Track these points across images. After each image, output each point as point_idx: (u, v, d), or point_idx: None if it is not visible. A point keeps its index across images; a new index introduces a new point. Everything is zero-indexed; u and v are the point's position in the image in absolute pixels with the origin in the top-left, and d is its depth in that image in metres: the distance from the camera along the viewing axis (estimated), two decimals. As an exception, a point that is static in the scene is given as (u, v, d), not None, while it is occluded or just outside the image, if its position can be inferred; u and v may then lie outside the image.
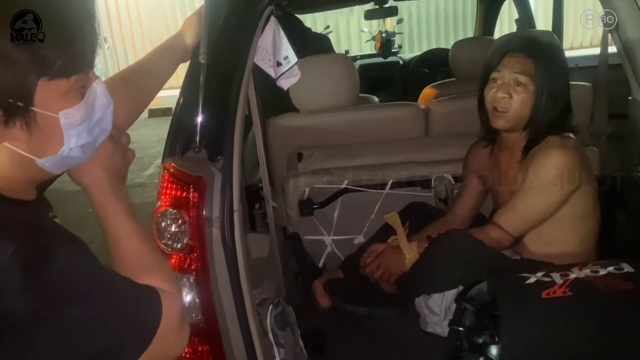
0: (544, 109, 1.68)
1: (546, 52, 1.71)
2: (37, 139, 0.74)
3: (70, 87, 0.75)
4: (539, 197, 1.68)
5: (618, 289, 1.39)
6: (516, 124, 1.71)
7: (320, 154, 2.22)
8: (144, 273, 0.84)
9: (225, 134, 1.34)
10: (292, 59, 1.53)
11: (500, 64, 1.70)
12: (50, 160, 0.78)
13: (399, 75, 4.47)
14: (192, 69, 1.38)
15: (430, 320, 1.87)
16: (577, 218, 1.74)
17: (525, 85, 1.67)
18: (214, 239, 1.28)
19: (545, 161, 1.66)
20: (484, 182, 1.99)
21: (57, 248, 0.72)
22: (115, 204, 0.91)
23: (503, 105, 1.69)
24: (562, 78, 1.72)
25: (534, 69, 1.66)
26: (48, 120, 0.74)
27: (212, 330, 1.28)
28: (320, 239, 2.28)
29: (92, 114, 0.80)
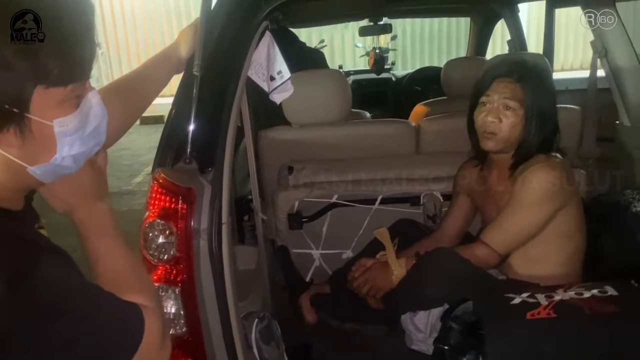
0: (533, 131, 1.70)
1: (534, 77, 1.73)
2: (30, 146, 0.74)
3: (67, 96, 0.75)
4: (525, 214, 1.70)
5: (602, 312, 1.40)
6: (506, 146, 1.74)
7: (311, 168, 2.22)
8: (127, 290, 0.84)
9: (216, 146, 1.35)
10: (285, 73, 1.54)
11: (489, 89, 1.73)
12: (42, 169, 0.77)
13: (392, 92, 4.50)
14: (186, 80, 1.39)
15: (415, 338, 1.87)
16: (562, 237, 1.75)
17: (514, 110, 1.69)
18: (201, 252, 1.27)
19: (531, 179, 1.68)
20: (473, 201, 2.01)
21: (42, 263, 0.72)
22: (93, 226, 0.90)
23: (493, 128, 1.71)
24: (550, 100, 1.75)
25: (523, 94, 1.69)
26: (42, 128, 0.74)
27: (196, 343, 1.28)
28: (308, 253, 2.27)
29: (86, 124, 0.80)
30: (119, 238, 0.93)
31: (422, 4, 3.74)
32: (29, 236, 0.76)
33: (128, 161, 6.70)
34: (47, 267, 0.72)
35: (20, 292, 0.67)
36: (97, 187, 0.92)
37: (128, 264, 0.92)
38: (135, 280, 0.91)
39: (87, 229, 0.90)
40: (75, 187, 0.90)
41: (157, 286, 1.26)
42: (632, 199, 2.02)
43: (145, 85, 1.28)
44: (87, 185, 0.91)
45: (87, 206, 0.91)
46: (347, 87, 2.30)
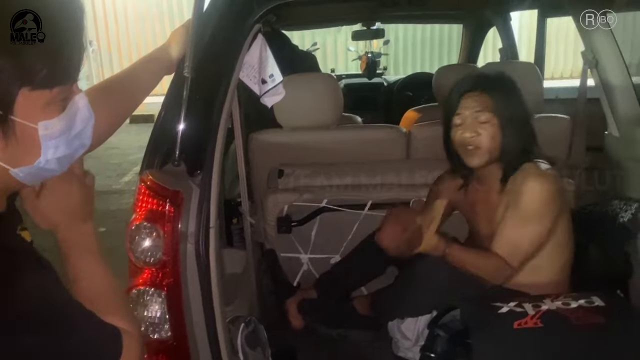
0: (512, 137, 1.70)
1: (498, 85, 1.75)
2: (13, 149, 0.72)
3: (52, 99, 0.73)
4: (530, 226, 1.68)
5: (588, 322, 1.41)
6: (491, 158, 1.73)
7: (301, 172, 2.21)
8: (107, 312, 0.82)
9: (206, 149, 1.33)
10: (277, 77, 1.54)
11: (459, 107, 1.73)
12: (25, 171, 0.75)
13: (383, 97, 4.50)
14: (176, 81, 1.38)
15: (402, 345, 1.87)
16: (558, 246, 1.76)
17: (488, 120, 1.69)
18: (188, 255, 1.26)
19: (529, 190, 1.67)
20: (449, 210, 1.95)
21: (23, 273, 0.70)
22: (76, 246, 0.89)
23: (474, 143, 1.70)
24: (520, 105, 1.75)
25: (492, 103, 1.69)
26: (26, 130, 0.72)
27: (181, 348, 1.26)
28: (296, 257, 2.26)
29: (72, 127, 0.78)
30: (101, 259, 0.92)
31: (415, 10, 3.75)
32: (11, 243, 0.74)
33: (117, 160, 6.65)
34: (24, 277, 0.70)
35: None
36: (82, 207, 0.91)
37: (109, 285, 0.91)
38: (116, 302, 0.90)
39: (69, 247, 0.89)
40: (60, 205, 0.88)
41: (142, 290, 1.25)
42: (620, 209, 2.03)
43: (135, 85, 1.27)
44: (72, 204, 0.90)
45: (71, 225, 0.89)
46: (339, 91, 2.29)
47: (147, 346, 1.24)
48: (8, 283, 0.68)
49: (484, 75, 1.77)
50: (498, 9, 3.43)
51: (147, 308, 1.25)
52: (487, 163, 1.74)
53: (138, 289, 1.25)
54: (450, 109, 1.75)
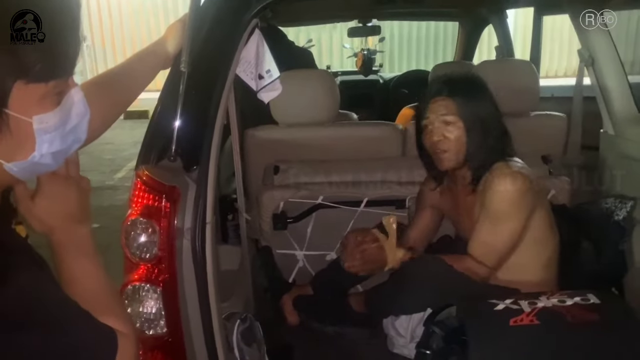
0: (478, 139, 1.73)
1: (464, 88, 1.78)
2: (7, 143, 0.71)
3: (48, 93, 0.72)
4: (502, 225, 1.71)
5: (584, 319, 1.41)
6: (459, 160, 1.76)
7: (297, 168, 2.21)
8: (102, 313, 0.81)
9: (202, 144, 1.32)
10: (274, 72, 1.52)
11: (427, 111, 1.78)
12: (19, 166, 0.74)
13: (379, 94, 4.50)
14: (173, 76, 1.37)
15: (397, 342, 1.87)
16: (537, 244, 1.77)
17: (453, 123, 1.74)
18: (184, 251, 1.25)
19: (496, 189, 1.70)
20: (439, 215, 2.03)
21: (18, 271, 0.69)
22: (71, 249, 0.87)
23: (441, 147, 1.75)
24: (487, 106, 1.77)
25: (456, 106, 1.74)
26: (21, 124, 0.71)
27: (176, 344, 1.26)
28: (292, 254, 2.26)
29: (67, 121, 0.77)
30: (96, 261, 0.90)
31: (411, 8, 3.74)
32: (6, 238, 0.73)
33: (111, 156, 6.63)
34: (19, 275, 0.69)
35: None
36: (78, 210, 0.89)
37: (104, 286, 0.90)
38: (111, 303, 0.89)
39: (64, 250, 0.87)
40: (55, 209, 0.87)
41: (138, 286, 1.24)
42: (615, 207, 2.03)
43: (131, 80, 1.26)
44: (68, 208, 0.88)
45: (67, 229, 0.88)
46: (336, 88, 2.29)
47: (143, 342, 1.23)
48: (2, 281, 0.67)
49: (450, 80, 1.80)
50: (494, 6, 3.43)
51: (143, 304, 1.24)
52: (457, 165, 1.78)
53: (133, 285, 1.25)
54: (420, 114, 1.82)
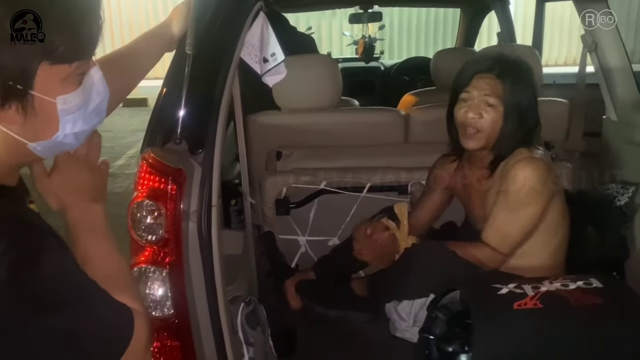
0: (512, 128, 1.69)
1: (514, 72, 1.72)
2: (31, 123, 0.72)
3: (71, 73, 0.74)
4: (520, 212, 1.69)
5: (587, 303, 1.42)
6: (487, 143, 1.73)
7: (299, 154, 2.21)
8: (117, 292, 0.82)
9: (207, 127, 1.32)
10: (279, 56, 1.52)
11: (469, 85, 1.71)
12: (43, 145, 0.76)
13: (380, 81, 4.48)
14: (178, 59, 1.36)
15: (399, 326, 1.87)
16: (548, 231, 1.76)
17: (494, 106, 1.68)
18: (190, 234, 1.26)
19: (518, 175, 1.67)
20: (448, 195, 2.01)
21: (46, 253, 0.70)
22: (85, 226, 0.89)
23: (474, 125, 1.70)
24: (530, 96, 1.72)
25: (503, 90, 1.68)
26: (45, 105, 0.73)
27: (183, 326, 1.26)
28: (294, 239, 2.26)
29: (88, 102, 0.78)
30: (110, 240, 0.92)
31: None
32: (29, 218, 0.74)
33: (110, 143, 6.61)
34: (50, 258, 0.70)
35: (21, 281, 0.65)
36: (94, 189, 0.92)
37: (118, 265, 0.91)
38: (125, 282, 0.90)
39: (78, 228, 0.89)
40: (72, 185, 0.89)
41: (144, 268, 1.24)
42: (617, 193, 2.05)
43: (136, 61, 1.25)
44: (84, 185, 0.91)
45: (82, 206, 0.90)
46: (339, 73, 2.28)
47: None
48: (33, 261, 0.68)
49: (503, 60, 1.73)
50: (497, -8, 3.42)
51: (149, 286, 1.24)
52: (483, 148, 1.74)
53: (140, 267, 1.25)
54: (460, 84, 1.74)
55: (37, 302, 0.68)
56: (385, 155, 2.23)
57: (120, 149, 6.42)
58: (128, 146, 6.59)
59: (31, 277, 0.67)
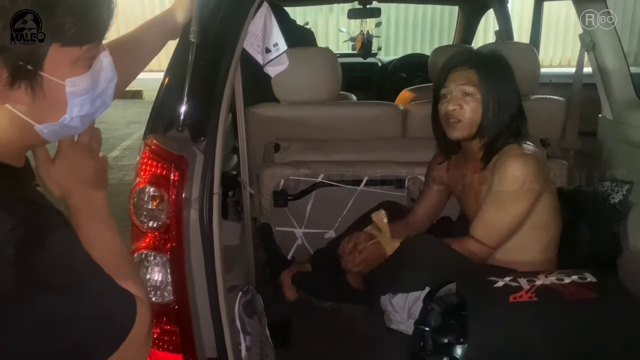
0: (492, 114, 1.74)
1: (488, 62, 1.79)
2: (39, 104, 0.73)
3: (81, 56, 0.74)
4: (508, 206, 1.73)
5: (582, 297, 1.44)
6: (470, 132, 1.77)
7: (297, 147, 2.22)
8: (119, 278, 0.82)
9: (210, 115, 1.33)
10: (282, 46, 1.53)
11: (446, 80, 1.79)
12: (49, 127, 0.76)
13: (377, 77, 4.49)
14: (181, 47, 1.37)
15: (394, 318, 1.89)
16: (540, 226, 1.79)
17: (472, 94, 1.74)
18: (192, 221, 1.26)
19: (507, 170, 1.71)
20: (446, 192, 2.05)
21: (53, 232, 0.71)
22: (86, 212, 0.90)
23: (455, 115, 1.76)
24: (508, 85, 1.78)
25: (478, 79, 1.74)
26: (53, 87, 0.73)
27: (182, 312, 1.27)
28: (290, 231, 2.27)
29: (97, 86, 0.79)
30: (112, 227, 0.93)
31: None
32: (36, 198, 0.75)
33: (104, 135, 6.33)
34: (57, 238, 0.71)
35: (27, 259, 0.66)
36: (96, 177, 0.94)
37: (120, 251, 0.92)
38: (128, 269, 0.90)
39: (79, 214, 0.90)
40: (73, 172, 0.90)
41: (145, 253, 1.25)
42: (611, 191, 2.07)
43: (140, 49, 1.26)
44: (87, 173, 0.92)
45: (83, 192, 0.91)
46: (338, 67, 2.29)
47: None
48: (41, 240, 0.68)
49: (475, 53, 1.83)
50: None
51: (150, 272, 1.25)
52: (467, 137, 1.78)
53: (141, 253, 1.26)
54: (439, 82, 1.82)
55: (41, 280, 0.68)
56: (383, 150, 2.24)
57: (114, 141, 6.40)
58: (122, 138, 6.57)
59: (37, 255, 0.67)
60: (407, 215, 2.12)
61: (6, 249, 0.64)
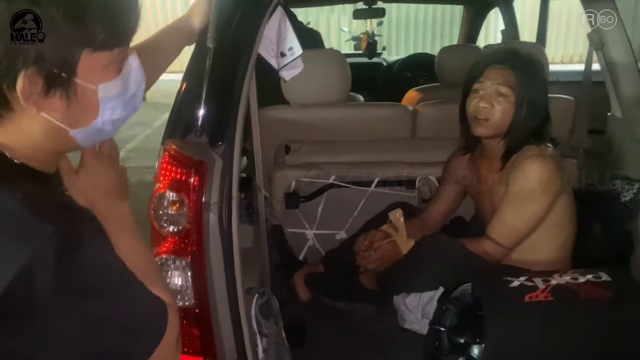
0: (523, 118, 1.73)
1: (527, 65, 1.76)
2: (73, 110, 0.73)
3: (112, 60, 0.75)
4: (526, 207, 1.73)
5: (597, 296, 1.45)
6: (497, 132, 1.76)
7: (308, 148, 2.23)
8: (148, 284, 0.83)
9: (228, 120, 1.34)
10: (297, 50, 1.53)
11: (482, 76, 1.76)
12: (83, 132, 0.77)
13: (382, 77, 4.50)
14: (197, 53, 1.38)
15: (408, 318, 1.90)
16: (556, 225, 1.79)
17: (506, 96, 1.72)
18: (211, 225, 1.27)
19: (526, 171, 1.71)
20: (462, 190, 2.05)
21: (89, 238, 0.71)
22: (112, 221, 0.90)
23: (485, 114, 1.74)
24: (541, 90, 1.78)
25: (515, 81, 1.72)
26: (86, 92, 0.74)
27: (203, 315, 1.28)
28: (302, 233, 2.28)
29: (127, 89, 0.80)
30: (137, 235, 0.95)
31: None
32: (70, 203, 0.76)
33: (109, 137, 6.58)
34: (91, 242, 0.72)
35: (66, 265, 0.66)
36: (118, 184, 0.96)
37: (146, 258, 0.94)
38: (155, 275, 0.92)
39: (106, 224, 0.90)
40: (97, 182, 0.93)
41: (166, 257, 1.26)
42: (622, 189, 2.07)
43: (158, 54, 1.26)
44: (109, 181, 0.95)
45: (107, 201, 0.93)
46: (347, 68, 2.30)
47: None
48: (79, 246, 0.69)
49: (515, 52, 1.78)
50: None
51: (171, 276, 1.26)
52: (493, 136, 1.78)
53: (161, 257, 1.27)
54: (473, 76, 1.78)
55: (79, 286, 0.69)
56: (394, 150, 2.25)
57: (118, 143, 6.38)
58: (126, 140, 6.57)
59: (75, 261, 0.68)
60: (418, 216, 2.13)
61: (46, 254, 0.64)
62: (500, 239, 1.75)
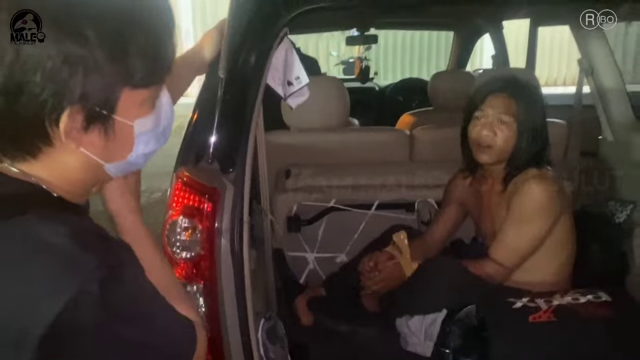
0: (525, 144, 1.78)
1: (526, 92, 1.81)
2: (110, 146, 0.76)
3: (148, 97, 0.78)
4: (528, 228, 1.76)
5: (598, 315, 1.49)
6: (499, 158, 1.81)
7: (308, 172, 2.26)
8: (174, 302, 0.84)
9: (238, 147, 1.37)
10: (303, 79, 1.57)
11: (483, 103, 1.80)
12: (117, 166, 0.80)
13: (375, 101, 4.57)
14: (208, 82, 1.41)
15: (411, 340, 1.91)
16: (556, 247, 1.83)
17: (508, 124, 1.76)
18: (223, 250, 1.29)
19: (527, 193, 1.75)
20: (463, 211, 2.08)
21: (126, 267, 0.74)
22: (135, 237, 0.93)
23: (487, 141, 1.78)
24: (541, 115, 1.83)
25: (516, 109, 1.77)
26: (124, 128, 0.76)
27: (216, 340, 1.29)
28: (302, 256, 2.30)
29: (159, 123, 0.82)
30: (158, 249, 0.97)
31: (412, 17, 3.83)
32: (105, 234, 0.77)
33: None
34: (129, 271, 0.74)
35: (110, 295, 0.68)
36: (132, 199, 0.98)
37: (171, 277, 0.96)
38: (180, 293, 0.94)
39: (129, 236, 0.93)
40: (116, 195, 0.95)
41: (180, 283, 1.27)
42: (615, 210, 2.13)
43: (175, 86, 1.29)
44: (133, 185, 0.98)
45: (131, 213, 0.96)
46: (346, 94, 2.35)
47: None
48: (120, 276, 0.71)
49: (514, 80, 1.82)
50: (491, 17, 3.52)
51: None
52: (495, 162, 1.82)
53: (174, 283, 1.28)
54: (475, 104, 1.82)
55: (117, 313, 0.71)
56: (393, 174, 2.29)
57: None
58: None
59: (116, 291, 0.70)
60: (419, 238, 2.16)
61: (91, 286, 0.66)
62: (502, 260, 1.78)
